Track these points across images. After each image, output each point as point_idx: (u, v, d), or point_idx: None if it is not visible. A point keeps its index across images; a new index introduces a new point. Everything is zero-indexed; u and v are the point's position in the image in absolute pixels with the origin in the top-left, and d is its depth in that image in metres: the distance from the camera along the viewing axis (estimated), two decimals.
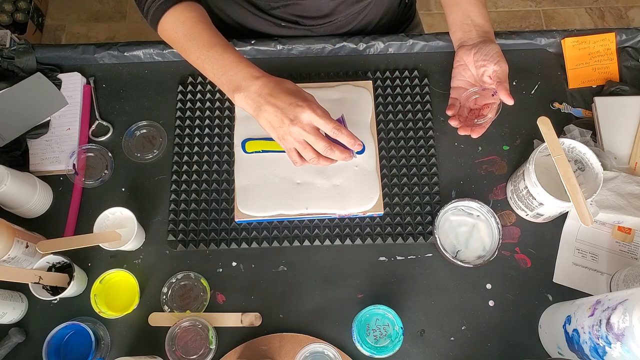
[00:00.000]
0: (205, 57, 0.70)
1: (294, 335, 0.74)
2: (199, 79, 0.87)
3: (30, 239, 0.73)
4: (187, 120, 0.85)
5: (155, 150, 0.83)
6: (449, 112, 0.80)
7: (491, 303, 0.75)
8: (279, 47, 0.89)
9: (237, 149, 0.81)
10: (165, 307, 0.75)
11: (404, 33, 0.92)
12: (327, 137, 0.67)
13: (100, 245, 0.73)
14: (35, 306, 0.75)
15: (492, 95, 0.78)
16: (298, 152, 0.68)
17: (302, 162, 0.69)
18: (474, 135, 0.79)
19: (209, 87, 0.87)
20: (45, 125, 0.84)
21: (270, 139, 0.81)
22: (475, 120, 0.79)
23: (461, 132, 0.79)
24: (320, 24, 0.88)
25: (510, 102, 0.73)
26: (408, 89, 0.86)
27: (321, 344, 0.67)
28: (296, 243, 0.78)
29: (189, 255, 0.78)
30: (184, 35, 0.71)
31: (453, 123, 0.80)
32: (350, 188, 0.78)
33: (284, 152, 0.79)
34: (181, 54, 0.74)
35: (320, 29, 0.89)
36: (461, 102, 0.81)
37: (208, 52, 0.70)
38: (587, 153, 0.72)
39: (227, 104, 0.86)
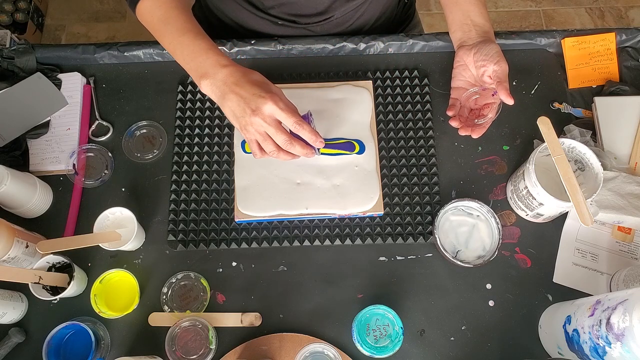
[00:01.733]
0: (177, 42, 0.70)
1: (294, 335, 0.74)
2: None
3: (30, 239, 0.73)
4: (187, 120, 0.85)
5: (155, 150, 0.84)
6: (450, 113, 0.80)
7: (491, 303, 0.75)
8: (279, 47, 0.89)
9: (237, 149, 0.81)
10: (165, 307, 0.75)
11: (404, 33, 0.92)
12: (291, 133, 0.67)
13: (100, 245, 0.73)
14: (35, 306, 0.75)
15: (492, 95, 0.78)
16: (259, 144, 0.68)
17: (262, 154, 0.69)
18: (475, 136, 0.79)
19: None
20: (45, 125, 0.84)
21: None
22: (476, 120, 0.79)
23: (462, 133, 0.79)
24: (316, 22, 0.88)
25: (510, 102, 0.73)
26: (408, 89, 0.86)
27: (321, 344, 0.67)
28: (296, 243, 0.78)
29: (189, 255, 0.78)
30: (159, 19, 0.72)
31: (454, 124, 0.80)
32: (350, 188, 0.78)
33: None
34: (156, 37, 0.74)
35: (317, 27, 0.89)
36: (461, 103, 0.81)
37: (180, 38, 0.70)
38: (587, 153, 0.72)
39: None
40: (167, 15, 0.71)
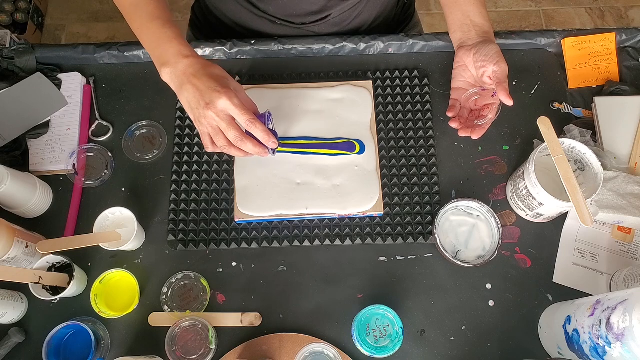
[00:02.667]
0: (144, 27, 0.71)
1: (293, 335, 0.74)
2: None
3: (30, 239, 0.73)
4: (187, 120, 0.85)
5: (155, 150, 0.84)
6: (450, 114, 0.80)
7: (491, 303, 0.75)
8: (279, 47, 0.89)
9: None
10: (165, 307, 0.75)
11: (403, 33, 0.92)
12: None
13: (100, 245, 0.73)
14: (35, 306, 0.75)
15: (492, 95, 0.78)
16: (211, 137, 0.68)
17: (214, 148, 0.69)
18: (475, 137, 0.79)
19: None
20: (45, 125, 0.84)
21: None
22: (476, 121, 0.79)
23: (461, 134, 0.79)
24: (313, 22, 0.88)
25: (509, 102, 0.73)
26: (408, 89, 0.86)
27: (321, 344, 0.67)
28: (296, 243, 0.78)
29: (189, 255, 0.78)
30: (130, 3, 0.72)
31: (454, 125, 0.80)
32: (350, 188, 0.78)
33: (284, 152, 0.80)
34: (127, 20, 0.74)
35: (315, 27, 0.89)
36: (461, 103, 0.81)
37: (148, 24, 0.70)
38: (587, 153, 0.72)
39: None
40: (134, 2, 0.71)
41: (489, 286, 0.76)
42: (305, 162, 0.80)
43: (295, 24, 0.88)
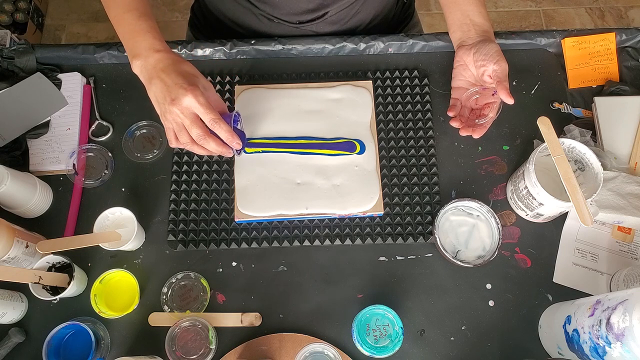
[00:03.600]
0: (120, 18, 0.71)
1: (293, 335, 0.74)
2: None
3: (30, 239, 0.73)
4: None
5: (155, 150, 0.84)
6: (451, 113, 0.80)
7: (491, 303, 0.75)
8: (279, 47, 0.89)
9: None
10: (165, 307, 0.75)
11: (403, 33, 0.92)
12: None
13: (100, 245, 0.73)
14: (35, 306, 0.75)
15: (493, 94, 0.78)
16: (175, 133, 0.68)
17: (177, 144, 0.69)
18: (476, 136, 0.79)
19: None
20: (45, 125, 0.84)
21: (272, 138, 0.81)
22: (477, 120, 0.79)
23: (462, 133, 0.79)
24: (310, 20, 0.88)
25: (510, 101, 0.73)
26: (408, 89, 0.86)
27: (321, 344, 0.67)
28: (296, 243, 0.78)
29: (189, 255, 0.78)
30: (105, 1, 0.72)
31: (454, 124, 0.80)
32: (350, 188, 0.78)
33: (284, 152, 0.80)
34: (105, 9, 0.74)
35: (312, 26, 0.89)
36: (462, 103, 0.81)
37: (124, 15, 0.70)
38: (587, 153, 0.72)
39: (227, 103, 0.86)
40: None
41: (489, 286, 0.76)
42: (305, 162, 0.80)
43: (293, 22, 0.88)
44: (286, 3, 0.84)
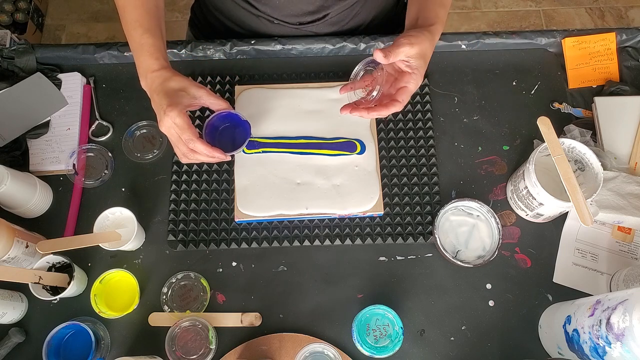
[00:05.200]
0: (129, 35, 0.72)
1: (293, 335, 0.74)
2: (199, 78, 0.87)
3: (30, 239, 0.73)
4: None
5: (155, 150, 0.84)
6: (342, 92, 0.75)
7: (491, 303, 0.75)
8: (279, 47, 0.89)
9: None
10: (165, 307, 0.75)
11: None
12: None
13: (100, 245, 0.73)
14: (35, 306, 0.75)
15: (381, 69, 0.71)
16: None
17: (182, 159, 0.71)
18: (371, 116, 0.71)
19: (209, 87, 0.87)
20: (45, 125, 0.84)
21: (272, 138, 0.81)
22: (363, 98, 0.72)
23: (352, 113, 0.72)
24: (310, 22, 0.88)
25: (381, 59, 0.65)
26: None
27: (321, 344, 0.67)
28: (296, 243, 0.78)
29: (189, 255, 0.78)
30: (122, 6, 0.73)
31: (345, 112, 0.72)
32: (350, 188, 0.78)
33: (284, 152, 0.80)
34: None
35: (313, 27, 0.89)
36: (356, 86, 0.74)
37: (131, 32, 0.72)
38: (587, 153, 0.72)
39: None
40: (124, 4, 0.72)
41: (489, 286, 0.76)
42: (305, 162, 0.80)
43: (293, 24, 0.88)
44: (287, 5, 0.84)
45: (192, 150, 0.68)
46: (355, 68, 0.73)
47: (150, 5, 0.73)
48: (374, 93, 0.70)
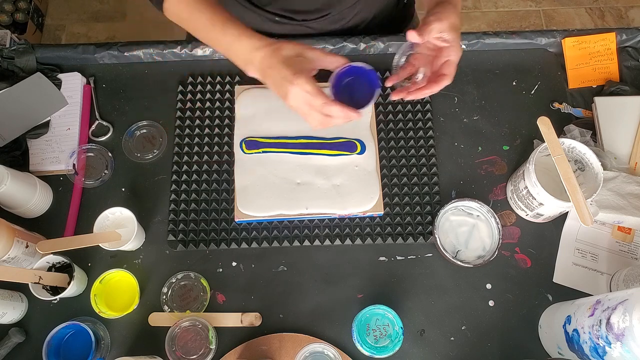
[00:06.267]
0: (209, 38, 0.71)
1: (293, 335, 0.74)
2: (199, 78, 0.87)
3: (30, 239, 0.73)
4: (187, 120, 0.85)
5: (155, 150, 0.84)
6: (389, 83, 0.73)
7: (491, 303, 0.75)
8: None
9: (237, 149, 0.81)
10: (165, 307, 0.75)
11: (403, 32, 0.92)
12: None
13: (100, 245, 0.73)
14: (35, 306, 0.75)
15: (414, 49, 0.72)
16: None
17: (320, 126, 0.68)
18: (413, 97, 0.71)
19: (209, 87, 0.87)
20: (45, 125, 0.84)
21: (272, 138, 0.81)
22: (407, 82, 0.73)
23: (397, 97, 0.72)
24: (313, 19, 0.88)
25: (418, 39, 0.67)
26: None
27: (321, 344, 0.67)
28: (296, 243, 0.78)
29: (189, 255, 0.78)
30: (187, 19, 0.72)
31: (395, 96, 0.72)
32: (350, 188, 0.78)
33: (284, 152, 0.80)
34: (192, 34, 0.75)
35: (315, 24, 0.89)
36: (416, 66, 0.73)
37: (210, 34, 0.70)
38: (587, 153, 0.72)
39: (227, 103, 0.86)
40: (191, 12, 0.71)
41: (489, 286, 0.76)
42: (305, 162, 0.80)
43: (297, 20, 0.88)
44: (290, 4, 0.84)
45: (327, 115, 0.66)
46: (394, 59, 0.73)
47: (210, 3, 0.71)
48: (419, 75, 0.71)
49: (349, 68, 0.69)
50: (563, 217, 0.79)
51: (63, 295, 0.70)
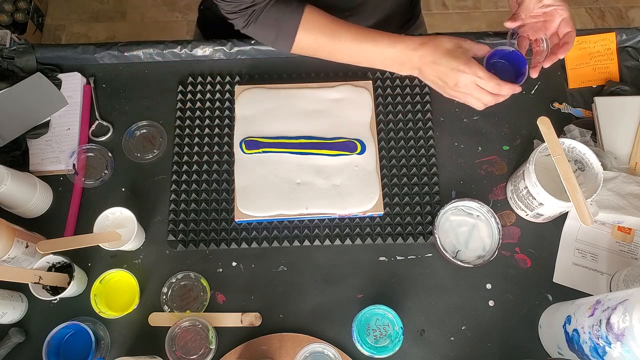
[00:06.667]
0: (358, 54, 0.74)
1: (293, 335, 0.74)
2: (199, 79, 0.87)
3: (30, 239, 0.73)
4: (187, 120, 0.85)
5: (155, 150, 0.84)
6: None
7: (491, 303, 0.75)
8: None
9: (237, 149, 0.81)
10: (165, 307, 0.75)
11: (407, 32, 0.92)
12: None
13: (100, 245, 0.73)
14: (35, 306, 0.75)
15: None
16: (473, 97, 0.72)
17: (483, 107, 0.73)
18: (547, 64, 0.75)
19: (209, 87, 0.87)
20: (45, 125, 0.84)
21: (272, 138, 0.81)
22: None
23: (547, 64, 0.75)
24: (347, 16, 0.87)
25: (519, 21, 0.72)
26: (408, 89, 0.86)
27: (321, 344, 0.67)
28: (296, 243, 0.78)
29: (189, 255, 0.78)
30: (324, 44, 0.74)
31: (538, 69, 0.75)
32: (350, 188, 0.78)
33: (284, 152, 0.80)
34: (328, 57, 0.76)
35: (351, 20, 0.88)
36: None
37: (359, 52, 0.73)
38: (587, 153, 0.72)
39: (227, 103, 0.86)
40: (329, 36, 0.73)
41: (489, 286, 0.76)
42: (305, 162, 0.80)
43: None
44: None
45: (497, 94, 0.70)
46: (504, 48, 0.76)
47: (344, 22, 0.74)
48: (543, 45, 0.76)
49: (495, 51, 0.74)
50: (563, 217, 0.79)
51: (63, 295, 0.70)
